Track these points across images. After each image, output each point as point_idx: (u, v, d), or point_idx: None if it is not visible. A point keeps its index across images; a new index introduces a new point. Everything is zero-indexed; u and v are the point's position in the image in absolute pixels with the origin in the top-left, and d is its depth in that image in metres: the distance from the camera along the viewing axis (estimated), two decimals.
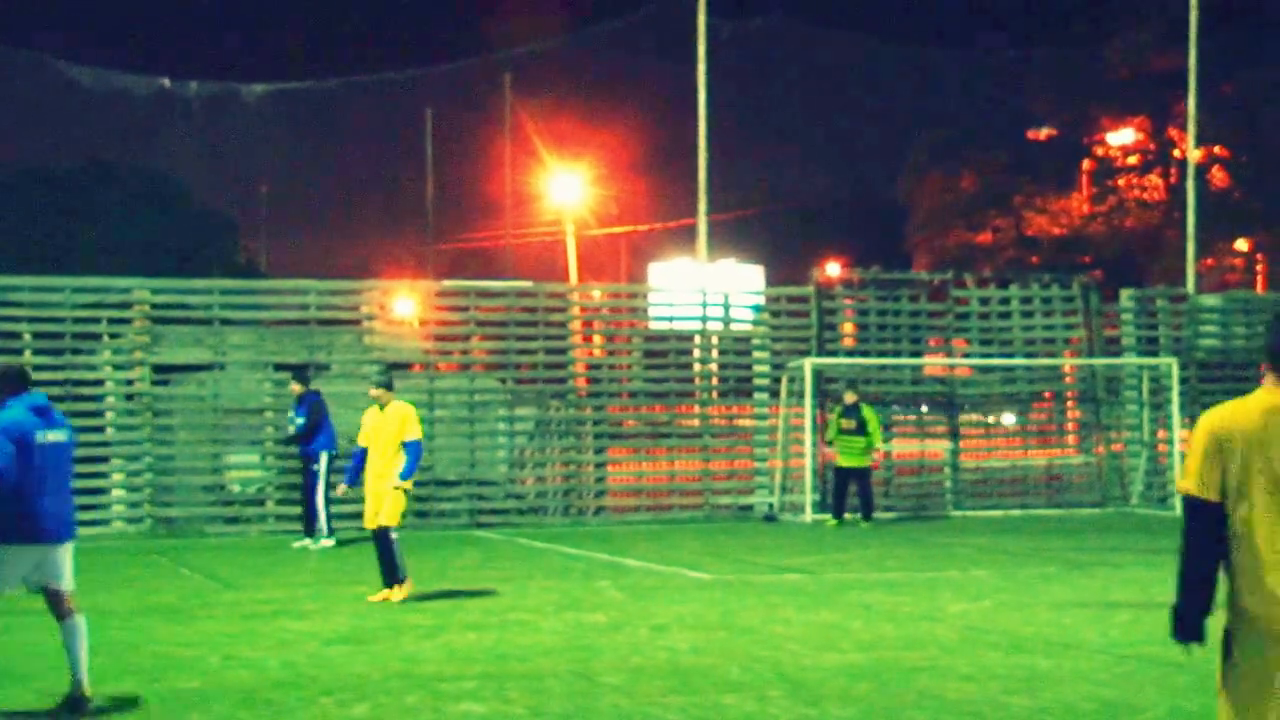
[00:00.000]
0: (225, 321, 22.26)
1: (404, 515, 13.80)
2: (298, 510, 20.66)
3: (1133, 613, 12.95)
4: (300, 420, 19.40)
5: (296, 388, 19.66)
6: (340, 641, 11.43)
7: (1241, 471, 5.22)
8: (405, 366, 23.73)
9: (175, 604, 13.82)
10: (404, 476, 13.44)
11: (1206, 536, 5.25)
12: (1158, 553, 18.40)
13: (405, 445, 13.47)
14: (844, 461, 22.23)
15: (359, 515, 20.07)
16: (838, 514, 22.17)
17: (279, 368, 22.36)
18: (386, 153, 66.99)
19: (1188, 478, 5.31)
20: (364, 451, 13.68)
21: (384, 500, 13.49)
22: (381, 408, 13.60)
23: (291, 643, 11.36)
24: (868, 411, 22.28)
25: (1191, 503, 5.29)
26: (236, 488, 22.55)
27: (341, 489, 14.15)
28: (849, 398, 22.38)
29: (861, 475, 22.31)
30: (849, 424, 22.16)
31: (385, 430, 13.52)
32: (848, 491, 22.25)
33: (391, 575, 13.56)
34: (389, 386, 13.71)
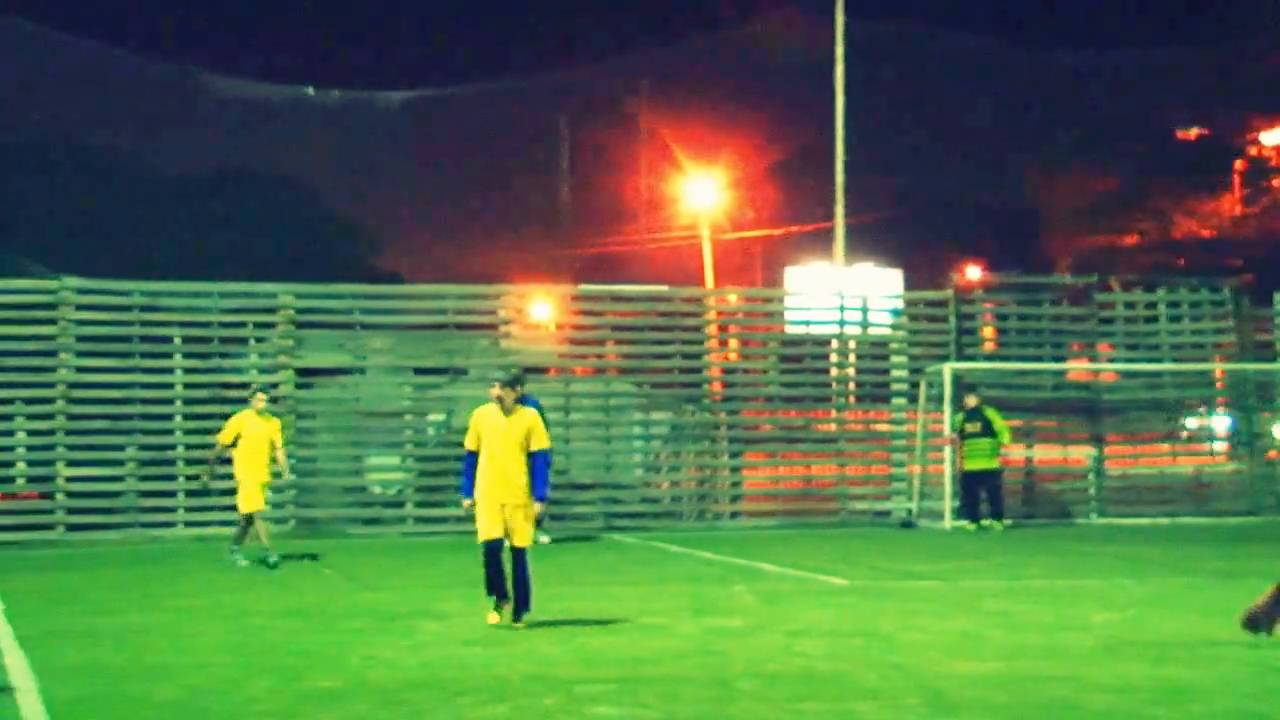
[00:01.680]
0: (365, 326, 22.61)
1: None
2: (436, 512, 20.90)
3: None
4: None
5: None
6: (476, 643, 11.51)
7: None
8: (541, 370, 23.91)
9: (316, 603, 14.04)
10: (542, 497, 12.22)
11: None
12: None
13: (536, 455, 12.21)
14: (970, 464, 22.29)
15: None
16: (973, 517, 22.17)
17: (418, 371, 22.69)
18: (522, 158, 67.55)
19: None
20: (474, 456, 12.26)
21: (515, 515, 12.15)
22: (506, 410, 12.33)
23: (429, 643, 11.48)
24: (991, 413, 22.26)
25: None
26: (377, 489, 22.89)
27: (468, 504, 12.26)
28: (970, 401, 22.39)
29: (990, 477, 22.34)
30: (973, 427, 22.19)
31: (511, 435, 12.24)
32: (979, 495, 22.30)
33: (525, 599, 12.21)
34: (515, 385, 12.36)
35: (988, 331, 25.23)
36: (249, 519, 16.91)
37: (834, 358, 24.75)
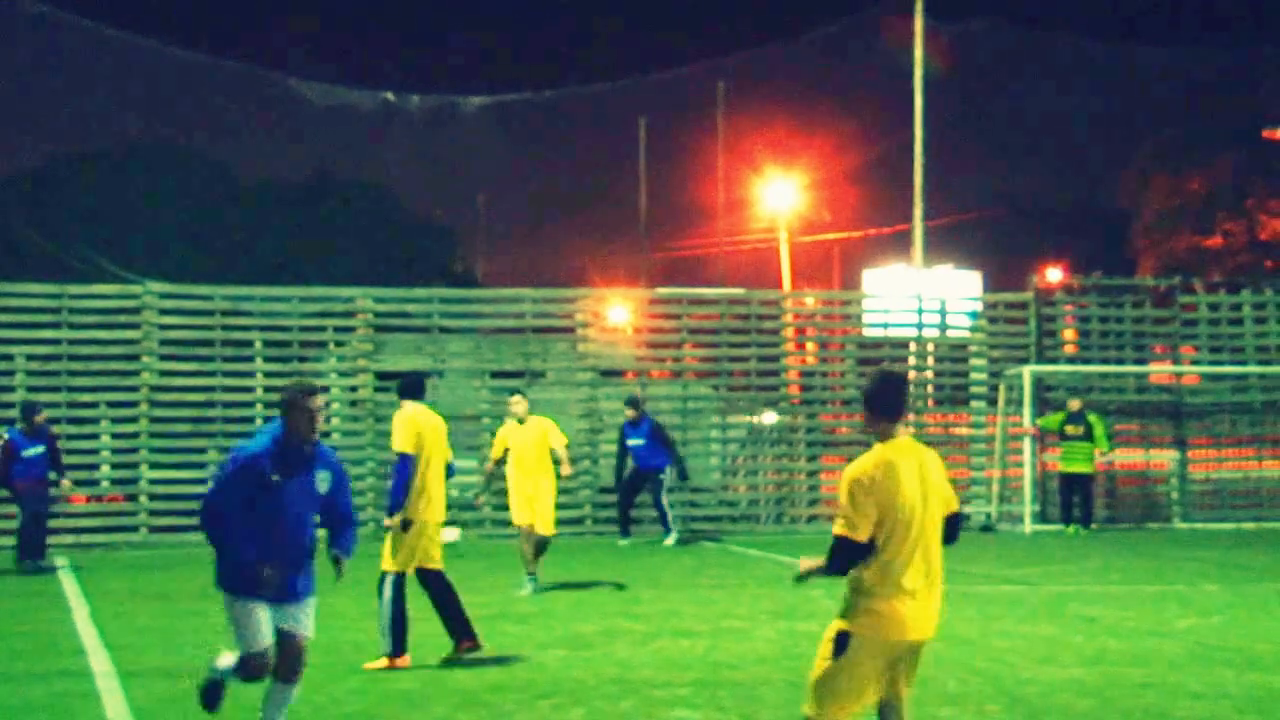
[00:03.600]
0: (444, 330, 22.74)
1: (394, 554, 11.03)
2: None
3: None
4: (640, 441, 20.52)
5: (632, 413, 20.60)
6: (556, 646, 11.55)
7: (880, 511, 6.58)
8: (619, 373, 23.94)
9: None
10: (389, 511, 10.96)
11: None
12: None
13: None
14: (1067, 467, 22.20)
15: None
16: (1068, 520, 22.15)
17: (496, 375, 22.77)
18: (600, 161, 67.75)
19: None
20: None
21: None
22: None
23: (509, 646, 11.52)
24: (1094, 418, 22.16)
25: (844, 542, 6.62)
26: (455, 493, 22.96)
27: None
28: (1074, 404, 22.27)
29: (1086, 481, 22.28)
30: (1074, 430, 22.07)
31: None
32: (1073, 498, 22.25)
33: (456, 628, 11.02)
34: (404, 393, 11.14)
35: (1069, 334, 24.96)
36: (535, 538, 15.14)
37: (912, 360, 24.57)
